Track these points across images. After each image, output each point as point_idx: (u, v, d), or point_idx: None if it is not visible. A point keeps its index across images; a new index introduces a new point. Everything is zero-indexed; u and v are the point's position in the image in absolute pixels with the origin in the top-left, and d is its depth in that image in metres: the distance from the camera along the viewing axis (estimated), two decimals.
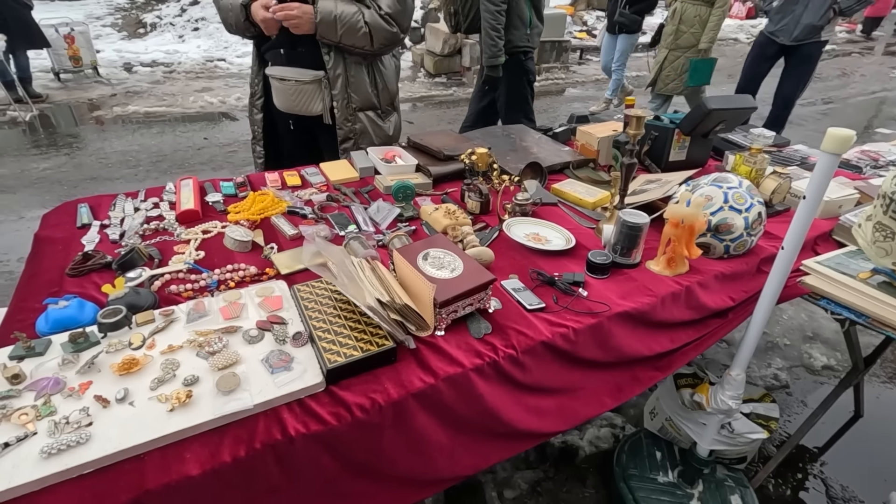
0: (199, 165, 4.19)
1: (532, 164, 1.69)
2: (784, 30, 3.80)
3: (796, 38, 3.74)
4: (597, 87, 7.02)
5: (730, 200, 1.26)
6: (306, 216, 1.45)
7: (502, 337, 1.02)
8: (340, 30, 1.64)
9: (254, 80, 1.90)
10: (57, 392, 0.83)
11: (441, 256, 1.09)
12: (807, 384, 2.19)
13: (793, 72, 3.98)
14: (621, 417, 1.95)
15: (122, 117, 5.27)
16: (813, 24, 3.63)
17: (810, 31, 3.67)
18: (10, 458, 0.73)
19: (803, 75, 3.97)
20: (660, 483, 1.57)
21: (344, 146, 1.88)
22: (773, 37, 3.89)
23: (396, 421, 0.90)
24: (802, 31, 3.70)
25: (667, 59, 4.28)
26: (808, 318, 2.57)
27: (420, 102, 6.06)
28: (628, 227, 1.22)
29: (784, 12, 3.77)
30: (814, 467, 1.82)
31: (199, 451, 0.78)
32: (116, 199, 1.51)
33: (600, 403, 1.17)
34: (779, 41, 3.85)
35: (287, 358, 0.92)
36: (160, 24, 8.24)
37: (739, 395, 1.34)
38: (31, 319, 1.01)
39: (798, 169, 1.78)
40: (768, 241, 1.39)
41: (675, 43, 4.19)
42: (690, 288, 1.22)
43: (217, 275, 1.17)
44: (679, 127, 1.69)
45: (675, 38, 4.18)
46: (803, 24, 3.68)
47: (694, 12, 4.07)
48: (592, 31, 9.46)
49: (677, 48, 4.21)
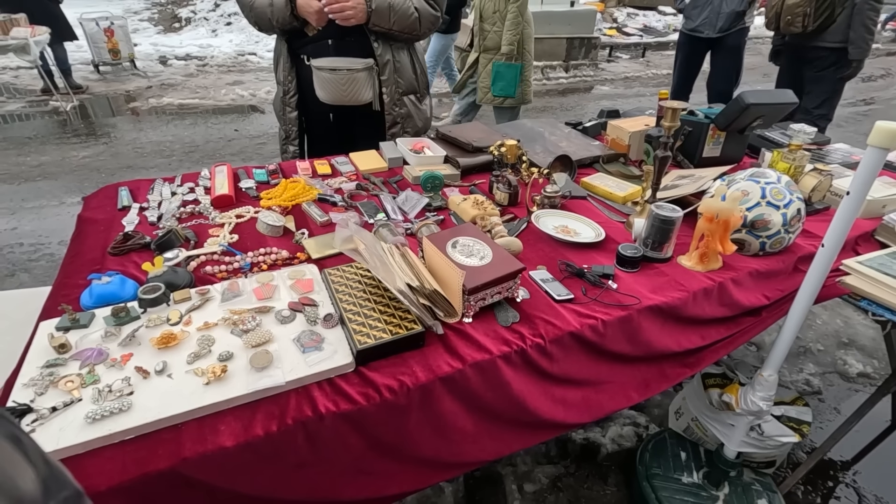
0: (230, 156, 4.28)
1: (561, 157, 1.67)
2: (707, 23, 3.63)
3: (721, 28, 3.57)
4: (626, 84, 6.91)
5: (767, 196, 1.22)
6: (336, 204, 1.47)
7: (530, 326, 1.02)
8: (393, 17, 1.67)
9: (286, 78, 1.87)
10: (100, 362, 0.87)
11: (470, 244, 1.09)
12: (840, 391, 2.12)
13: (722, 65, 3.78)
14: (645, 416, 1.92)
15: (157, 109, 5.43)
16: (735, 10, 3.48)
17: (734, 18, 3.52)
18: (57, 422, 0.76)
19: (734, 66, 3.76)
20: (684, 484, 1.54)
21: (392, 131, 1.90)
22: (695, 33, 3.73)
23: (423, 404, 0.90)
24: (726, 20, 3.53)
25: (478, 62, 3.72)
26: (844, 323, 2.49)
27: (446, 98, 6.06)
28: (661, 220, 1.20)
29: (702, 6, 3.61)
30: (846, 476, 1.77)
31: (233, 424, 0.80)
32: (154, 183, 1.55)
33: (626, 397, 1.15)
34: (703, 36, 3.68)
35: (318, 338, 0.93)
36: (194, 19, 8.44)
37: (771, 396, 1.30)
38: (75, 294, 1.05)
39: (838, 167, 1.72)
40: (806, 240, 1.35)
41: (483, 44, 3.62)
42: (723, 284, 1.20)
43: (250, 257, 1.19)
44: (714, 122, 1.65)
45: (482, 39, 3.61)
46: (725, 13, 3.52)
47: (492, 7, 3.50)
48: (623, 27, 9.30)
49: (487, 50, 3.62)
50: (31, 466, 0.37)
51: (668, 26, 9.59)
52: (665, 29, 9.50)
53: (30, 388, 0.81)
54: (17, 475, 0.35)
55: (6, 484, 0.33)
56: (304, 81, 1.86)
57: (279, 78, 1.91)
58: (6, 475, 0.34)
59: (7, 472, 0.34)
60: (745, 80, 4.12)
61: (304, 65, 1.83)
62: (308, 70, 1.80)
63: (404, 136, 1.86)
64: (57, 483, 0.39)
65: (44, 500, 0.36)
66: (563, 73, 7.13)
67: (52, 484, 0.38)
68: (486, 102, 3.82)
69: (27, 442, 0.39)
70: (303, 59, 1.83)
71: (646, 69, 7.67)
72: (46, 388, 0.81)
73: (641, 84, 7.01)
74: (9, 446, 0.36)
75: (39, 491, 0.36)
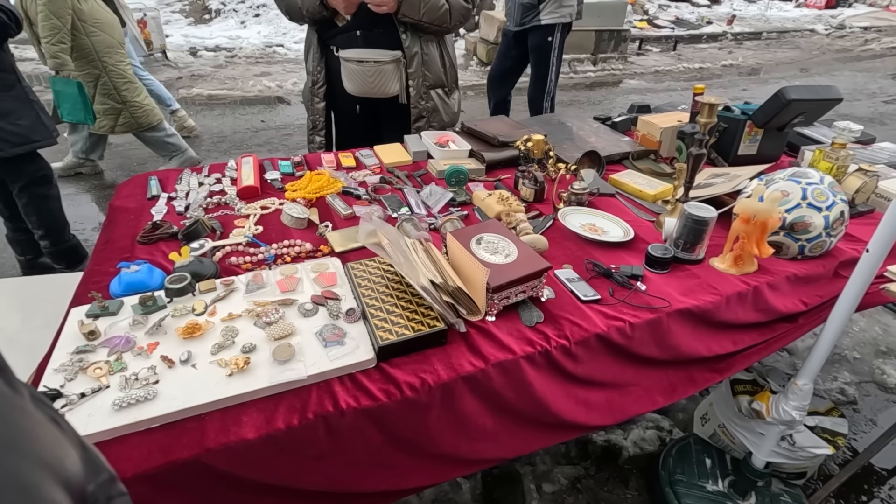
0: (257, 147, 4.33)
1: (590, 153, 1.63)
2: (509, 15, 3.29)
3: (518, 22, 3.22)
4: (656, 79, 6.73)
5: (809, 197, 1.17)
6: (360, 197, 1.46)
7: (555, 327, 0.99)
8: (423, 8, 1.65)
9: (315, 69, 1.87)
10: (128, 350, 0.88)
11: (495, 241, 1.07)
12: (877, 402, 2.03)
13: (532, 68, 3.41)
14: (669, 420, 1.87)
15: (187, 99, 5.52)
16: (523, 1, 3.12)
17: (525, 10, 3.15)
18: (86, 408, 0.78)
19: (538, 70, 3.34)
20: (708, 491, 1.50)
21: (417, 125, 1.89)
22: (507, 27, 3.40)
23: (444, 402, 0.89)
24: (520, 13, 3.16)
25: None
26: (883, 331, 2.38)
27: (472, 91, 6.00)
28: (693, 220, 1.15)
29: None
30: (881, 490, 1.69)
31: (256, 417, 0.80)
32: (182, 173, 1.57)
33: (651, 401, 1.12)
34: (511, 30, 3.33)
35: (340, 333, 0.93)
36: (224, 11, 8.55)
37: (805, 406, 1.25)
38: (105, 282, 1.07)
39: (885, 168, 1.63)
40: (849, 244, 1.29)
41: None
42: (759, 288, 1.15)
43: (274, 249, 1.20)
44: (752, 118, 1.59)
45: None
46: (518, 3, 3.16)
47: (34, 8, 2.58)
48: (654, 20, 9.05)
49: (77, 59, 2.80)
50: (74, 449, 0.37)
51: (702, 18, 9.29)
52: (698, 21, 9.20)
53: (60, 374, 0.83)
54: (64, 456, 0.35)
55: (55, 465, 0.33)
56: (334, 72, 1.85)
57: (309, 68, 1.92)
58: (55, 456, 0.34)
59: (55, 452, 0.35)
60: (783, 75, 3.88)
61: (333, 56, 1.83)
62: (337, 61, 1.80)
63: (430, 130, 1.84)
64: (94, 466, 0.40)
65: (86, 481, 0.37)
66: (591, 67, 6.98)
67: (90, 467, 0.39)
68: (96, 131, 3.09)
69: (66, 426, 0.39)
70: (332, 50, 1.82)
71: (677, 63, 7.45)
72: (76, 375, 0.83)
73: (672, 78, 6.81)
74: (54, 429, 0.36)
75: (83, 473, 0.37)
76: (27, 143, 2.12)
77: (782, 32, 9.31)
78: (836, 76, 6.89)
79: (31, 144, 2.14)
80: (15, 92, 2.08)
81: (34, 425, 0.34)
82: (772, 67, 7.31)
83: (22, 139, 2.10)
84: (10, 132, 2.06)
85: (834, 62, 7.75)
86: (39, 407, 0.36)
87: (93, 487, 0.37)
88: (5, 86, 2.04)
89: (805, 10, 10.96)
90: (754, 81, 6.58)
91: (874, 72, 7.17)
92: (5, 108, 2.04)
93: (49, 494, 0.30)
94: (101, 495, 0.39)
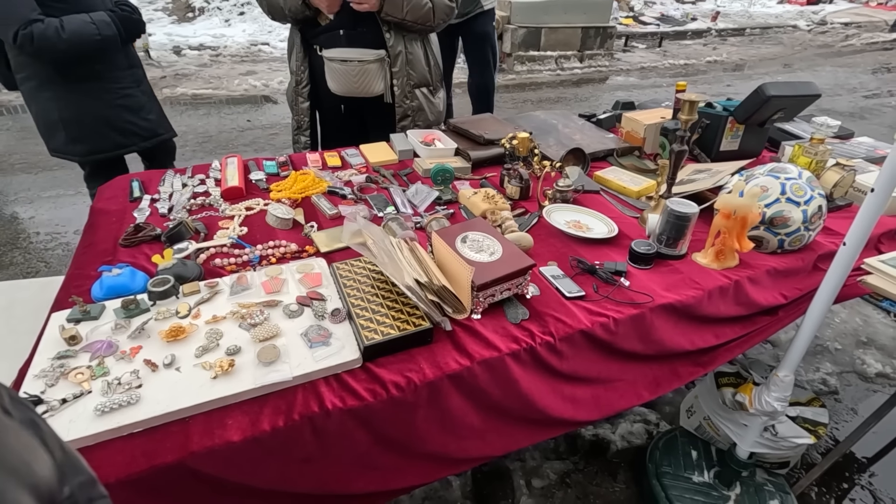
0: (243, 147, 4.29)
1: (574, 150, 1.64)
2: None
3: (461, 12, 3.15)
4: (642, 75, 6.78)
5: (787, 192, 1.19)
6: (346, 196, 1.46)
7: (540, 323, 1.00)
8: (406, 6, 1.64)
9: (299, 68, 1.86)
10: (110, 354, 0.87)
11: (480, 239, 1.07)
12: (858, 391, 2.08)
13: (475, 56, 3.44)
14: (655, 414, 1.90)
15: (171, 99, 5.45)
16: None
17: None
18: (67, 414, 0.77)
19: (486, 55, 3.41)
20: (694, 483, 1.52)
21: (402, 124, 1.88)
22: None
23: (431, 400, 0.90)
24: (466, 2, 3.14)
25: None
26: (863, 322, 2.43)
27: (458, 89, 6.00)
28: (676, 216, 1.17)
29: None
30: (862, 478, 1.73)
31: (241, 419, 0.80)
32: (165, 174, 1.56)
33: (637, 396, 1.14)
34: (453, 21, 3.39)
35: (325, 333, 0.93)
36: (208, 9, 8.45)
37: (786, 397, 1.27)
38: (87, 286, 1.06)
39: (863, 162, 1.67)
40: (827, 237, 1.31)
41: None
42: (739, 282, 1.17)
43: (259, 250, 1.19)
44: (733, 114, 1.61)
45: None
46: None
47: None
48: (639, 16, 9.11)
49: None
50: (47, 452, 0.37)
51: (687, 15, 9.37)
52: (683, 18, 9.28)
53: (41, 380, 0.82)
54: (33, 461, 0.35)
55: (22, 469, 0.33)
56: (317, 72, 1.84)
57: (292, 68, 1.90)
58: (22, 461, 0.34)
59: (24, 457, 0.34)
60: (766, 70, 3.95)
61: (317, 55, 1.82)
62: (321, 61, 1.78)
63: (415, 129, 1.84)
64: (72, 469, 0.39)
65: (59, 485, 0.37)
66: (578, 63, 7.01)
67: (68, 469, 0.39)
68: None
69: (45, 428, 0.39)
70: (316, 50, 1.81)
71: (662, 59, 7.51)
72: (57, 380, 0.82)
73: (658, 75, 6.87)
74: (27, 433, 0.36)
75: (55, 476, 0.37)
76: (154, 137, 2.20)
77: (765, 28, 9.43)
78: (818, 72, 7.00)
79: (158, 138, 2.22)
80: (144, 87, 2.14)
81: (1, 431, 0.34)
82: (755, 63, 7.40)
83: (151, 133, 2.18)
84: (142, 126, 2.13)
85: (816, 58, 7.86)
86: (17, 408, 0.36)
87: (69, 490, 0.37)
88: (136, 80, 2.09)
89: (787, 6, 11.10)
90: (738, 77, 6.65)
91: (854, 67, 7.29)
92: (137, 102, 2.09)
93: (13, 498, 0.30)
94: (80, 497, 0.39)
